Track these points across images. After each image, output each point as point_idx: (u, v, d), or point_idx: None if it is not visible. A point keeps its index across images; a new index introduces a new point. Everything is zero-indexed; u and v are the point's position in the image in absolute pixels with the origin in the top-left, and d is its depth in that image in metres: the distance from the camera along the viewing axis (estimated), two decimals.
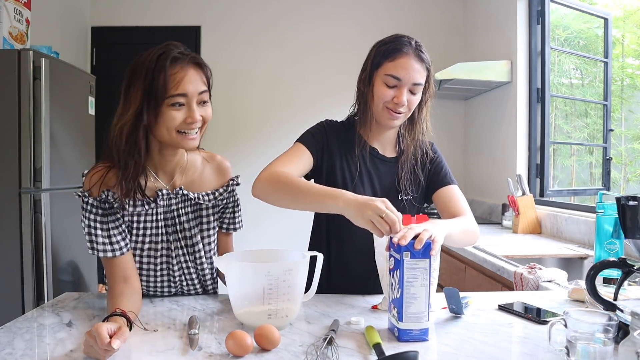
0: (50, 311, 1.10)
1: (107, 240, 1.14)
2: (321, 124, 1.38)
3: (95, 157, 2.72)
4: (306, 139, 1.33)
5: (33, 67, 2.15)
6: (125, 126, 1.10)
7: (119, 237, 1.16)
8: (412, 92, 1.25)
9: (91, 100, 2.71)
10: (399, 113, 1.26)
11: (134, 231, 1.20)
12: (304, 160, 1.29)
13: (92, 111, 2.72)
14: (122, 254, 1.15)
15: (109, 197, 1.14)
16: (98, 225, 1.14)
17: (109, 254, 1.14)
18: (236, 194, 1.34)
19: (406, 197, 1.34)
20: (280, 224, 3.44)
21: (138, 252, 1.22)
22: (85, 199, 1.15)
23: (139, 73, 1.08)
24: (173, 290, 1.28)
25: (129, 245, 1.18)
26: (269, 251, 1.13)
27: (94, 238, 1.14)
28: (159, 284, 1.26)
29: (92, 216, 1.15)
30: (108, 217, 1.16)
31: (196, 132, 1.14)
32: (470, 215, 1.30)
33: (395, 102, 1.24)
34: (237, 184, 1.33)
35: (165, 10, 3.74)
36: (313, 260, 1.08)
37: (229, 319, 1.06)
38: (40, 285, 2.17)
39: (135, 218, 1.19)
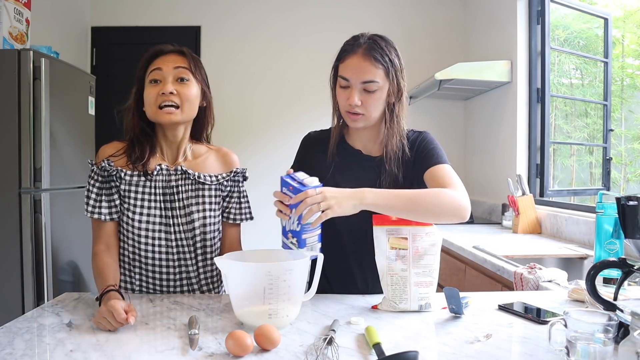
0: (50, 311, 1.10)
1: (97, 204, 1.26)
2: (305, 141, 1.41)
3: (95, 157, 2.72)
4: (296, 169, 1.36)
5: (33, 67, 2.15)
6: (128, 108, 1.29)
7: (106, 204, 1.26)
8: (367, 91, 1.21)
9: (91, 100, 2.71)
10: (356, 114, 1.23)
11: (132, 201, 1.26)
12: None
13: (92, 111, 2.72)
14: (106, 220, 1.26)
15: (107, 166, 1.25)
16: (95, 189, 1.26)
17: (95, 216, 1.25)
18: (242, 186, 1.39)
19: None
20: (279, 223, 3.44)
21: (136, 224, 1.25)
22: (92, 167, 1.28)
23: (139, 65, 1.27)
24: (172, 277, 1.29)
25: (115, 216, 1.28)
26: (269, 251, 1.13)
27: (88, 200, 1.26)
28: (157, 268, 1.28)
29: (92, 181, 1.27)
30: (104, 184, 1.27)
31: (175, 108, 1.23)
32: (457, 187, 1.18)
33: (348, 102, 1.21)
34: (244, 177, 1.38)
35: (165, 10, 3.74)
36: (313, 260, 1.08)
37: (229, 319, 1.06)
38: (40, 285, 2.17)
39: (133, 188, 1.26)
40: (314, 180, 1.10)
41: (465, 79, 3.01)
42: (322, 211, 1.04)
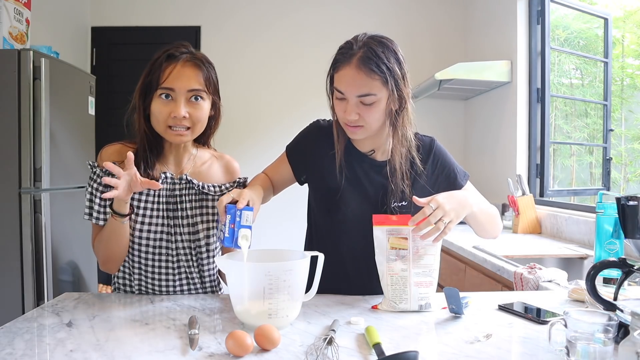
0: (50, 311, 1.10)
1: (101, 210, 1.21)
2: (311, 127, 1.36)
3: (95, 157, 2.72)
4: (290, 147, 1.37)
5: (33, 67, 2.16)
6: (130, 113, 1.22)
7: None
8: (364, 103, 1.14)
9: (91, 100, 2.71)
10: (356, 126, 1.18)
11: (134, 210, 1.22)
12: (282, 170, 1.37)
13: (92, 111, 2.72)
14: None
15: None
16: (98, 193, 1.21)
17: (101, 222, 1.21)
18: None
19: (399, 204, 1.25)
20: (280, 223, 3.44)
21: (137, 233, 1.23)
22: (94, 169, 1.23)
23: (146, 68, 1.19)
24: (171, 284, 1.28)
25: None
26: (269, 251, 1.13)
27: (91, 204, 1.22)
28: (156, 275, 1.26)
29: (95, 185, 1.22)
30: (108, 188, 1.19)
31: (186, 129, 1.19)
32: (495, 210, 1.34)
33: (345, 116, 1.16)
34: (245, 187, 1.34)
35: (165, 10, 3.74)
36: (314, 260, 1.08)
37: (229, 319, 1.06)
38: (40, 285, 2.17)
39: (136, 196, 1.22)
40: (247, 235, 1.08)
41: (465, 79, 3.01)
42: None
